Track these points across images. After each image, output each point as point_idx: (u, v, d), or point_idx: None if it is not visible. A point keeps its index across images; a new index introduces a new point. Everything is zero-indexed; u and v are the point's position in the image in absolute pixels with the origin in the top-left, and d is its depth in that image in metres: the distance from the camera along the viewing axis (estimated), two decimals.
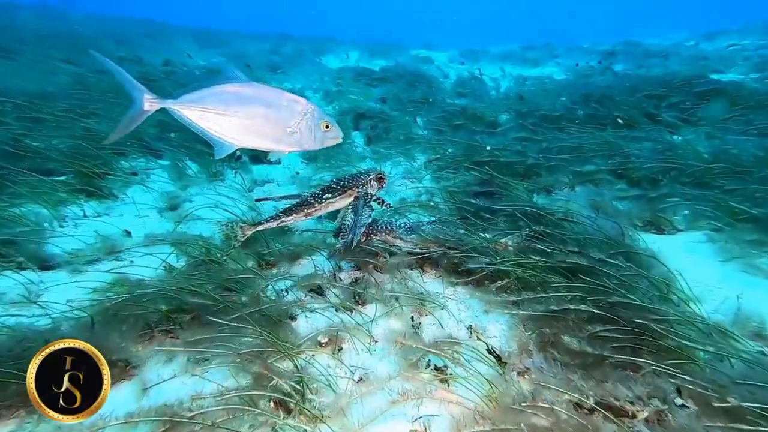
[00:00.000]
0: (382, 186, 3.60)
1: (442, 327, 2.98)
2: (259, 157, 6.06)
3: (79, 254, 3.73)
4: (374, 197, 3.54)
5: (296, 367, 2.68)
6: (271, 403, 2.49)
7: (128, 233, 4.13)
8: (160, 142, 5.86)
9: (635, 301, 2.49)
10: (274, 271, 3.74)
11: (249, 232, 3.35)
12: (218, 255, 3.68)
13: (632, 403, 2.01)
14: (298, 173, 5.71)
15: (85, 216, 4.38)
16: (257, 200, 3.92)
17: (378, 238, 3.83)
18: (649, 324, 2.40)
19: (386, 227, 3.82)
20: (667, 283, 2.96)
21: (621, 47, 14.30)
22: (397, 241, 3.79)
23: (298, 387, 2.53)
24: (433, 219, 4.03)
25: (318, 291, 3.52)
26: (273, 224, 3.41)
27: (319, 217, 3.96)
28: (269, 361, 2.66)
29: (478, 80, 10.13)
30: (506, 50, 15.62)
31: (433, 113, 7.52)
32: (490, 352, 2.49)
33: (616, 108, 6.67)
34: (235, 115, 2.51)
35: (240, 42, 16.90)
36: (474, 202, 4.04)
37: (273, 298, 3.39)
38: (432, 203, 4.40)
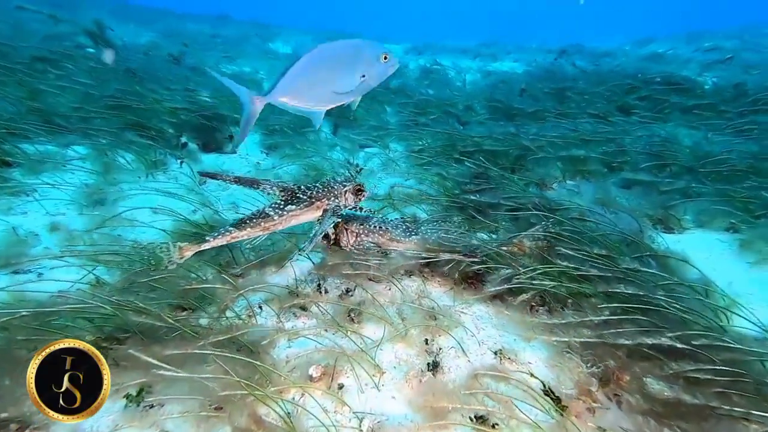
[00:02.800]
0: (360, 200, 3.00)
1: (464, 353, 2.40)
2: (210, 144, 5.12)
3: None
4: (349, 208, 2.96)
5: (285, 418, 1.98)
6: None
7: (35, 236, 3.13)
8: (80, 123, 4.74)
9: (718, 335, 2.04)
10: (241, 281, 2.96)
11: (189, 253, 2.57)
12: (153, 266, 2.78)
13: None
14: (259, 164, 4.87)
15: None
16: (201, 174, 3.15)
17: (369, 239, 3.18)
18: (730, 354, 1.98)
19: (379, 227, 3.19)
20: (706, 290, 2.58)
21: (569, 48, 14.64)
22: (393, 244, 3.17)
23: None
24: (429, 216, 3.43)
25: (301, 306, 2.81)
26: (222, 241, 2.67)
27: None
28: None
29: (442, 72, 9.72)
30: (461, 45, 15.44)
31: (402, 102, 6.95)
32: (546, 392, 1.94)
33: (590, 102, 6.53)
34: (317, 84, 2.71)
35: (170, 20, 15.16)
36: (474, 198, 3.51)
37: (243, 317, 2.64)
38: (425, 197, 3.81)
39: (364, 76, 2.75)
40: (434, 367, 2.28)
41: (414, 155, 4.91)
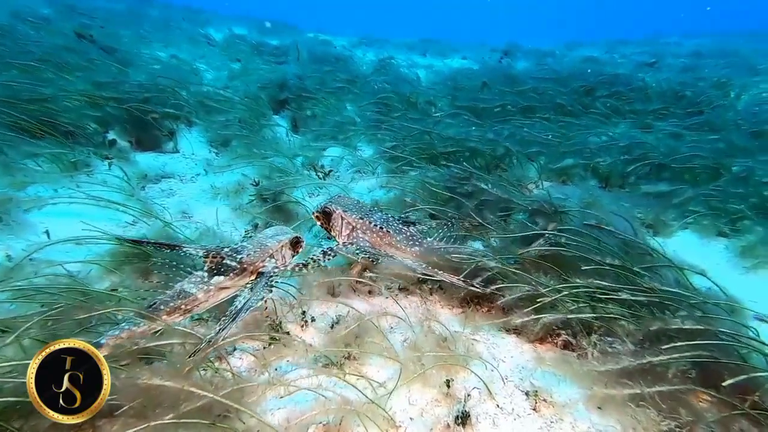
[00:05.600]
0: (297, 252, 2.60)
1: (490, 394, 2.05)
2: (144, 142, 4.31)
3: None
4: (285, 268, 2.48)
5: None
6: None
7: None
8: None
9: None
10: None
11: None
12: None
13: None
14: (209, 164, 4.17)
15: None
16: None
17: (366, 237, 2.69)
18: None
19: (380, 227, 2.69)
20: (731, 306, 2.43)
21: (510, 48, 15.00)
22: (391, 250, 2.73)
23: None
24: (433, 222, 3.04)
25: (286, 344, 2.29)
26: (123, 340, 1.94)
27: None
28: None
29: (395, 66, 9.38)
30: (406, 41, 15.21)
31: (362, 99, 6.49)
32: None
33: (551, 99, 6.50)
34: None
35: None
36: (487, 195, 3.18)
37: (214, 364, 2.07)
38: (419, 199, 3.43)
39: None
40: (463, 419, 1.89)
41: (386, 156, 4.49)
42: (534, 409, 1.99)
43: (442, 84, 7.97)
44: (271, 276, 2.29)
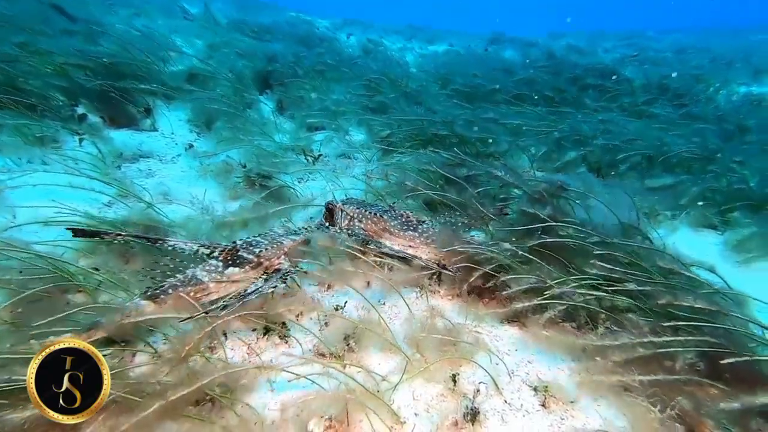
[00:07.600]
0: None
1: (498, 389, 1.97)
2: (118, 119, 3.98)
3: None
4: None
5: None
6: None
7: None
8: None
9: None
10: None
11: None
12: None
13: None
14: (191, 146, 3.90)
15: None
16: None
17: (362, 225, 2.78)
18: None
19: (374, 213, 2.80)
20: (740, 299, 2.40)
21: (494, 36, 14.93)
22: (386, 235, 2.77)
23: None
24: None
25: (279, 333, 2.15)
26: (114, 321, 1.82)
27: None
28: None
29: (382, 51, 9.15)
30: (391, 25, 14.91)
31: (352, 81, 6.26)
32: None
33: (541, 86, 6.45)
34: None
35: None
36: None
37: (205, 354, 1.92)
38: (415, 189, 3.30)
39: None
40: (473, 415, 1.80)
41: (379, 141, 4.32)
42: (543, 405, 1.92)
43: (432, 69, 7.80)
44: (288, 272, 2.27)
